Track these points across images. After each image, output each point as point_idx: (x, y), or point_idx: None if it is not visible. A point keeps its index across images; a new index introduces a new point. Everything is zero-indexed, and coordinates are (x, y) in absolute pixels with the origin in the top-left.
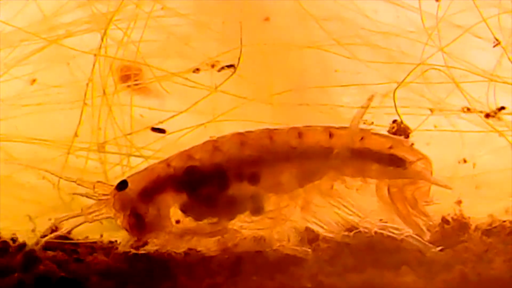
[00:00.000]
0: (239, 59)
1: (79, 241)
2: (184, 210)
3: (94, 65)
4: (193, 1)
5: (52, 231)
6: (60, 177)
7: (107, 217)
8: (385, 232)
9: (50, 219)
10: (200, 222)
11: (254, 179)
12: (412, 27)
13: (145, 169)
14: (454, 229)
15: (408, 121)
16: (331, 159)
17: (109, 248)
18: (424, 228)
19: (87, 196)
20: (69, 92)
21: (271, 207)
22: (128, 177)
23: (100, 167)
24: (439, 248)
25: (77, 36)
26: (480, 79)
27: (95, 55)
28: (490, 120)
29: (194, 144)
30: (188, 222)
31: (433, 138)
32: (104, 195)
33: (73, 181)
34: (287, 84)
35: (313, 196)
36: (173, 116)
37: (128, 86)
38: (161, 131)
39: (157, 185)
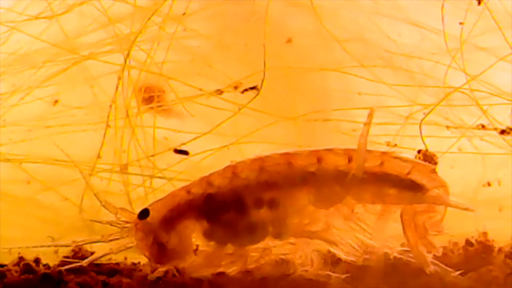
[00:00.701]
0: (262, 81)
1: (102, 263)
2: (207, 236)
3: (117, 87)
4: (215, 22)
5: (75, 253)
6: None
7: (129, 247)
8: (404, 257)
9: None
10: (224, 247)
11: (273, 204)
12: (435, 49)
13: (166, 196)
14: (477, 252)
15: (432, 144)
16: (347, 183)
17: (133, 270)
18: (428, 259)
19: (109, 224)
20: (92, 113)
21: (293, 232)
22: (149, 205)
23: (123, 188)
24: (459, 272)
25: (100, 57)
26: (504, 101)
27: (118, 77)
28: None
29: (216, 167)
30: (211, 247)
31: (457, 161)
32: (125, 222)
33: (100, 202)
34: (310, 105)
35: (334, 219)
36: (196, 138)
37: (151, 107)
38: (184, 152)
39: (177, 213)
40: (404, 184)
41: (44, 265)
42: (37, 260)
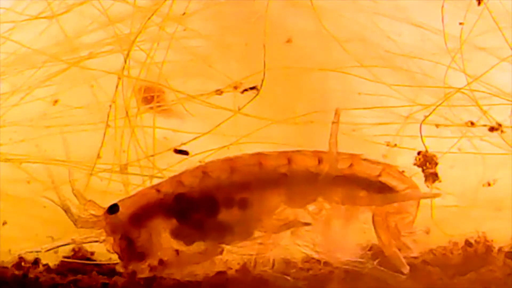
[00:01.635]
0: (262, 81)
1: (102, 263)
2: (174, 235)
3: (117, 87)
4: (215, 22)
5: (75, 252)
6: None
7: (94, 241)
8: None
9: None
10: (190, 247)
11: (243, 204)
12: (435, 49)
13: (135, 194)
14: (477, 252)
15: (432, 145)
16: (318, 184)
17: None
18: (403, 259)
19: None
20: (92, 113)
21: (261, 233)
22: (119, 201)
23: (123, 188)
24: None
25: (100, 58)
26: (504, 101)
27: (118, 77)
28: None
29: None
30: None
31: (457, 161)
32: (94, 216)
33: (72, 190)
34: (310, 106)
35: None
36: (195, 138)
37: (151, 107)
38: (184, 152)
39: (147, 211)
40: (374, 187)
41: (44, 265)
42: (36, 261)
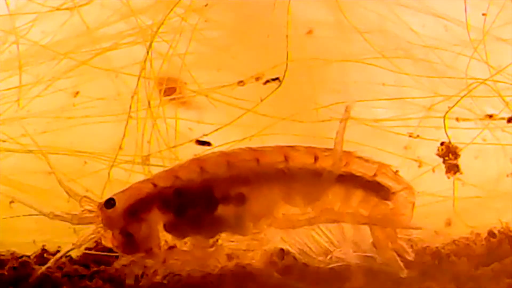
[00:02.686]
0: (285, 72)
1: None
2: (169, 228)
3: (139, 78)
4: (237, 13)
5: (97, 244)
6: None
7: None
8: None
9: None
10: (182, 240)
11: (240, 200)
12: (456, 40)
13: (128, 188)
14: (500, 243)
15: (455, 135)
16: (321, 183)
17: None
18: (401, 263)
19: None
20: (113, 105)
21: (256, 229)
22: (114, 195)
23: None
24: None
25: (122, 49)
26: None
27: (141, 68)
28: None
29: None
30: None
31: (480, 152)
32: (90, 211)
33: (64, 189)
34: (331, 97)
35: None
36: (217, 129)
37: (173, 98)
38: (207, 143)
39: (144, 204)
40: (370, 186)
41: (66, 257)
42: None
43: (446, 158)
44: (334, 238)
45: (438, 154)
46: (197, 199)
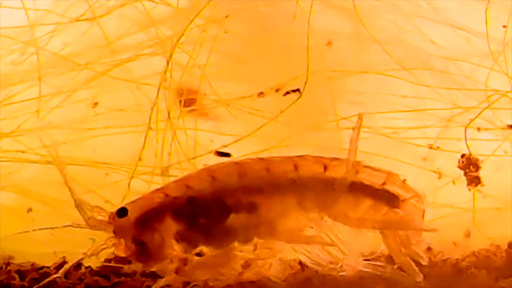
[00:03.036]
0: (305, 84)
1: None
2: (180, 238)
3: (159, 89)
4: (256, 25)
5: (116, 255)
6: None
7: (102, 249)
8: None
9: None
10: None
11: (252, 209)
12: (477, 52)
13: (139, 198)
14: None
15: (474, 147)
16: (337, 188)
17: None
18: (416, 267)
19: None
20: (133, 116)
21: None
22: (126, 204)
23: None
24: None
25: (141, 60)
26: None
27: (161, 80)
28: None
29: None
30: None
31: (502, 164)
32: (103, 221)
33: (74, 202)
34: (349, 109)
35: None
36: (237, 140)
37: (192, 110)
38: (226, 155)
39: (156, 214)
40: (380, 195)
41: (86, 268)
42: (79, 263)
43: (467, 170)
44: (343, 246)
45: (459, 167)
46: (209, 209)
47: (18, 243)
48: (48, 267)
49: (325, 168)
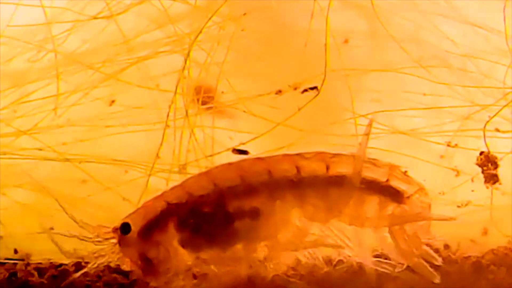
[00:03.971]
0: (323, 81)
1: None
2: (183, 244)
3: (176, 86)
4: (274, 23)
5: None
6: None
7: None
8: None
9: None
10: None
11: (254, 213)
12: (494, 50)
13: (142, 206)
14: None
15: (492, 145)
16: (346, 190)
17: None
18: (428, 266)
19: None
20: (150, 114)
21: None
22: (126, 217)
23: None
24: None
25: (159, 57)
26: None
27: (179, 77)
28: None
29: None
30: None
31: None
32: (107, 239)
33: (77, 223)
34: (366, 106)
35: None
36: (255, 138)
37: (210, 107)
38: (244, 152)
39: (157, 223)
40: (385, 191)
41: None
42: None
43: (485, 168)
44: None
45: (477, 164)
46: (211, 214)
47: (36, 241)
48: (66, 264)
49: (327, 168)
